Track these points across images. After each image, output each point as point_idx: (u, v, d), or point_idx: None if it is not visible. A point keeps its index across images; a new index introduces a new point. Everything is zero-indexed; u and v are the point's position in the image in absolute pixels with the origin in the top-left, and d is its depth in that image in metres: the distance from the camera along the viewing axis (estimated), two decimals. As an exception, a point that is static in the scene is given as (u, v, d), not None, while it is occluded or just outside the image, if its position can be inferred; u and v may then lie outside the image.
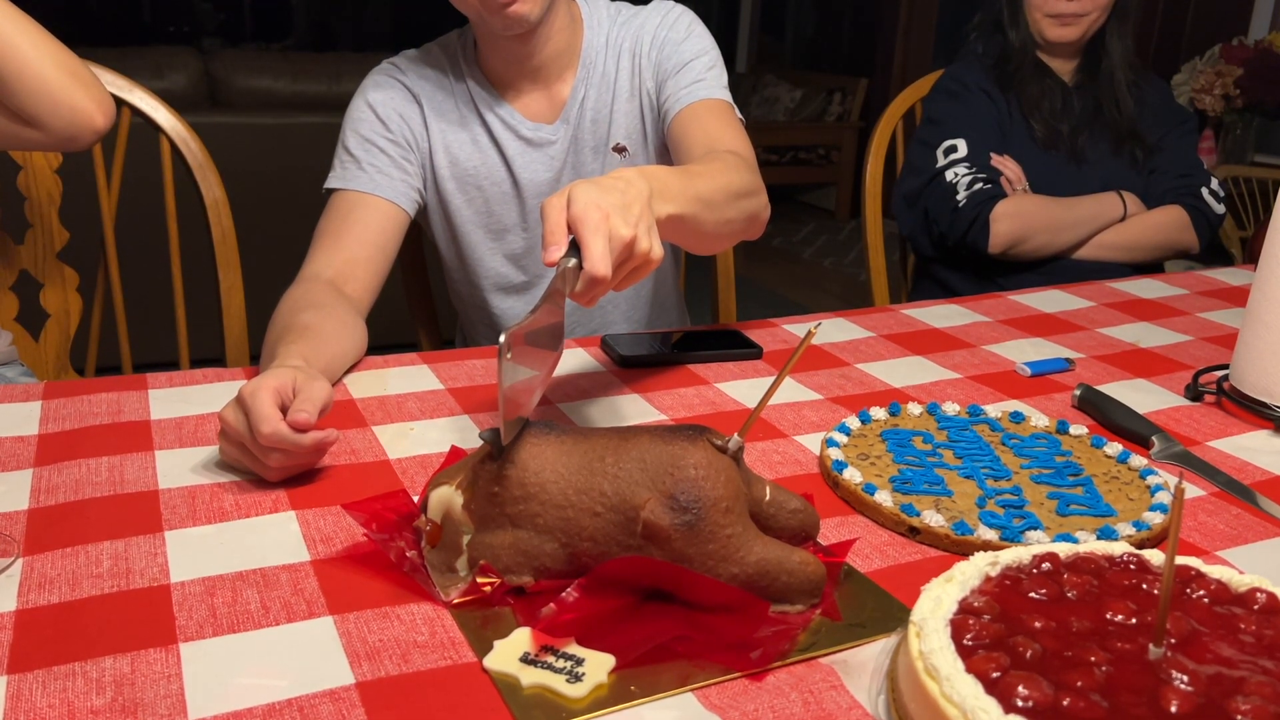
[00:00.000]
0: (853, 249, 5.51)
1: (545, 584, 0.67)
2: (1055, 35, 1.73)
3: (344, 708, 0.57)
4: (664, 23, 1.34)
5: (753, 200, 1.11)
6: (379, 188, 1.25)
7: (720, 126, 1.26)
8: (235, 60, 3.35)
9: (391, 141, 1.29)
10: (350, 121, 1.30)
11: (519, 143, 1.33)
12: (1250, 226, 3.41)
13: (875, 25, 5.99)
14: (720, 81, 1.32)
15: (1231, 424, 1.03)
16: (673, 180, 0.94)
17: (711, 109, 1.28)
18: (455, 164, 1.33)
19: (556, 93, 1.34)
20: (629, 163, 1.37)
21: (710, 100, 1.29)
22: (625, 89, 1.35)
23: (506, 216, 1.38)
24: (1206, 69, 3.56)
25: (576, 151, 1.36)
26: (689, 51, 1.32)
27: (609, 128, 1.36)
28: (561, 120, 1.34)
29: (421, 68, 1.33)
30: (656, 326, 1.50)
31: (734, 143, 1.23)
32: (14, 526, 0.75)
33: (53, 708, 0.57)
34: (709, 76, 1.31)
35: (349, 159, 1.28)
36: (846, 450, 0.89)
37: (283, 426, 0.78)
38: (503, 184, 1.35)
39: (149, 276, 1.99)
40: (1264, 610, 0.60)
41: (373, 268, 1.22)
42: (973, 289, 1.71)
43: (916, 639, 0.57)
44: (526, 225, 1.38)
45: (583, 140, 1.35)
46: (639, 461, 0.66)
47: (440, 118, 1.32)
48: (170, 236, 1.49)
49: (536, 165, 1.34)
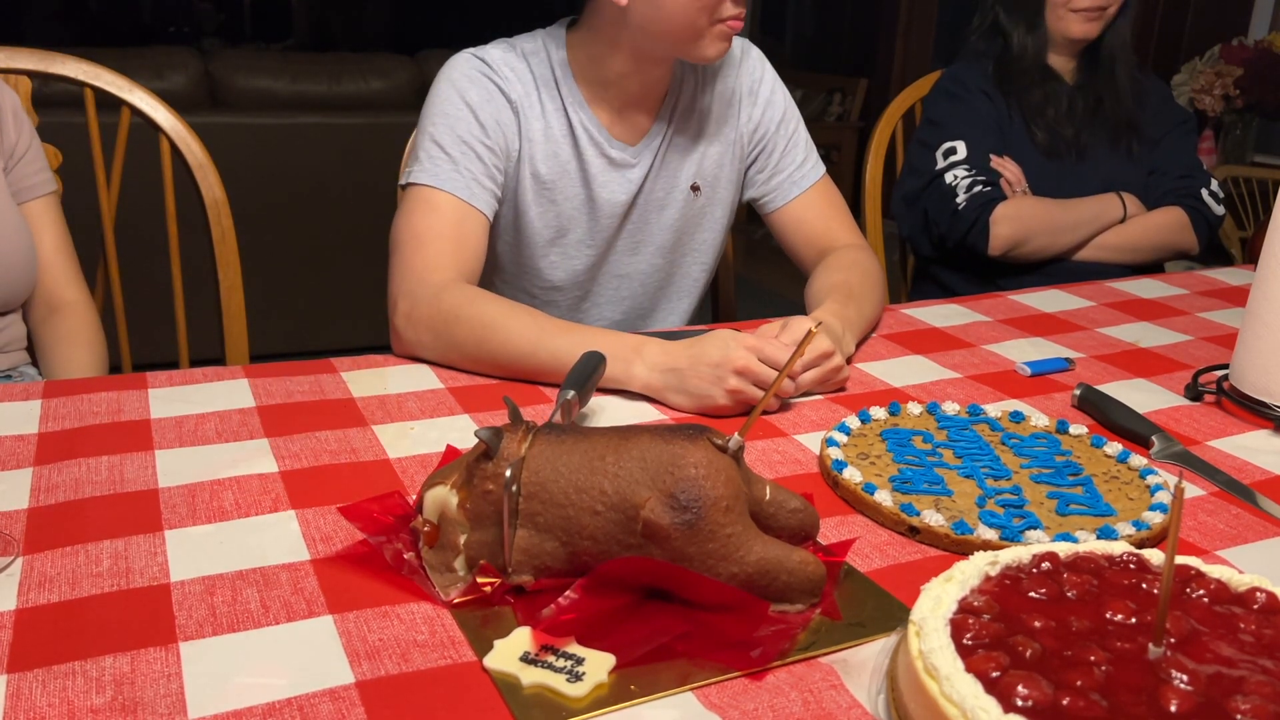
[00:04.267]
0: (853, 249, 5.50)
1: (545, 583, 0.67)
2: (1081, 31, 1.72)
3: (344, 707, 0.57)
4: (755, 76, 1.39)
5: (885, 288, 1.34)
6: (475, 197, 1.21)
7: (833, 215, 1.42)
8: (235, 60, 3.35)
9: (489, 149, 1.24)
10: (443, 116, 1.23)
11: (602, 160, 1.32)
12: (1250, 226, 3.41)
13: (875, 25, 5.99)
14: (817, 155, 1.45)
15: (1231, 424, 1.03)
16: (854, 319, 1.19)
17: (821, 194, 1.42)
18: (536, 174, 1.30)
19: (646, 117, 1.33)
20: (701, 203, 1.40)
21: (819, 183, 1.42)
22: (716, 133, 1.38)
23: (574, 230, 1.35)
24: (1206, 69, 3.56)
25: (654, 179, 1.36)
26: (791, 124, 1.42)
27: (691, 164, 1.37)
28: (644, 145, 1.34)
29: (516, 71, 1.28)
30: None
31: (850, 233, 1.41)
32: (14, 525, 0.75)
33: (52, 707, 0.57)
34: (810, 154, 1.43)
35: (442, 157, 1.21)
36: (846, 450, 0.89)
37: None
38: (576, 199, 1.33)
39: (149, 276, 1.99)
40: (1264, 610, 0.60)
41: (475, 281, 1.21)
42: (972, 290, 1.71)
43: (916, 638, 0.57)
44: (593, 242, 1.37)
45: (661, 169, 1.36)
46: (639, 460, 0.66)
47: (531, 127, 1.28)
48: (170, 236, 1.49)
49: (614, 185, 1.33)
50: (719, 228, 1.45)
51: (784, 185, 1.41)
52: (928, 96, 1.86)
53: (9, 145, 1.25)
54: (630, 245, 1.40)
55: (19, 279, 1.23)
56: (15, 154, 1.26)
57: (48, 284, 1.30)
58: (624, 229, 1.38)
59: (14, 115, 1.27)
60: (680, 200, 1.38)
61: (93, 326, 1.32)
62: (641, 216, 1.38)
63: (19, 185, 1.27)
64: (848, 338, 1.13)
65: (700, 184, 1.39)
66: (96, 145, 1.45)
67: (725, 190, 1.42)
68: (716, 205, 1.42)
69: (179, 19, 6.60)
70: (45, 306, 1.30)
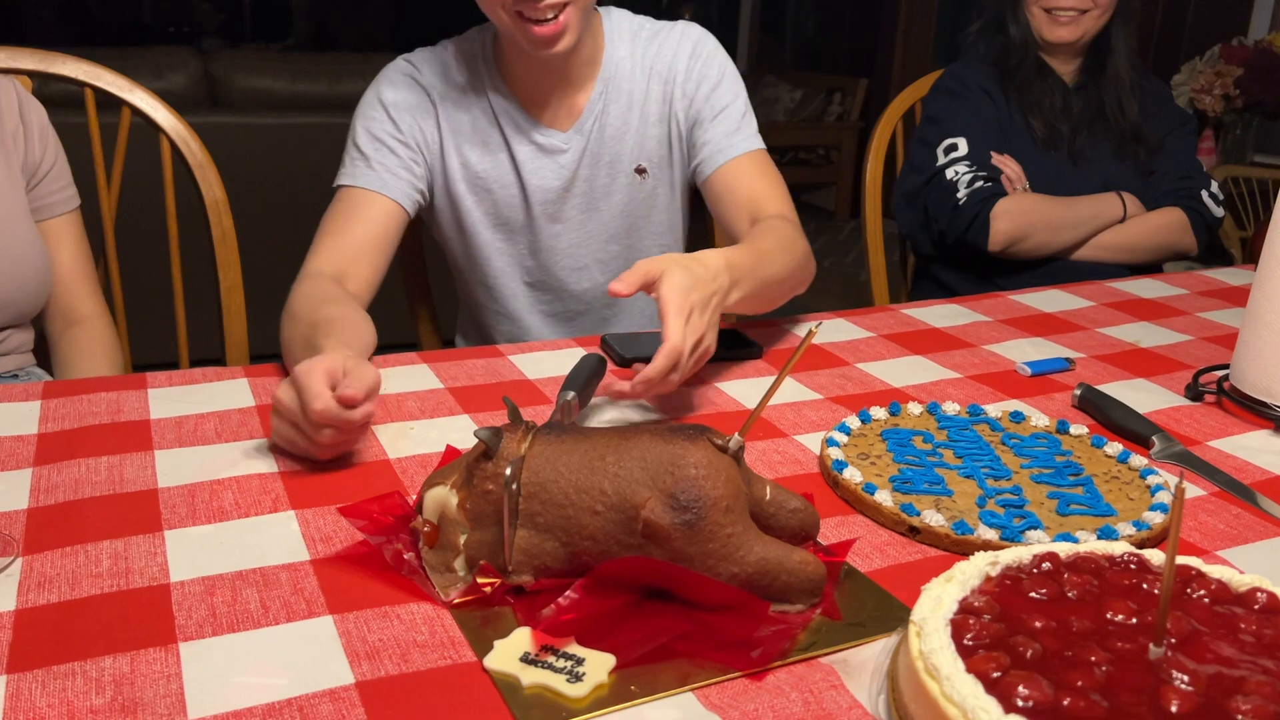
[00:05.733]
0: (853, 249, 5.51)
1: (545, 583, 0.67)
2: (1054, 35, 1.73)
3: (344, 707, 0.57)
4: (697, 54, 1.36)
5: (803, 271, 1.22)
6: (385, 186, 1.26)
7: (763, 184, 1.33)
8: (235, 60, 3.35)
9: (401, 142, 1.29)
10: (362, 118, 1.30)
11: (530, 148, 1.33)
12: (1250, 226, 3.41)
13: (875, 25, 5.99)
14: (754, 128, 1.37)
15: (1231, 424, 1.03)
16: (747, 268, 1.05)
17: (752, 163, 1.35)
18: (467, 165, 1.33)
19: (575, 102, 1.34)
20: (649, 185, 1.39)
21: (751, 153, 1.35)
22: (655, 114, 1.36)
23: (515, 219, 1.38)
24: (1206, 69, 3.56)
25: (592, 165, 1.36)
26: (724, 96, 1.35)
27: (633, 147, 1.37)
28: (575, 130, 1.34)
29: (439, 67, 1.32)
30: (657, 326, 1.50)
31: (779, 203, 1.31)
32: (14, 526, 0.74)
33: (52, 707, 0.57)
34: (744, 126, 1.36)
35: (359, 156, 1.28)
36: (846, 450, 0.89)
37: (334, 403, 0.80)
38: (511, 187, 1.35)
39: (149, 276, 1.99)
40: (1264, 610, 0.60)
41: (373, 265, 1.23)
42: (972, 289, 1.71)
43: (917, 638, 0.56)
44: (533, 230, 1.38)
45: (599, 154, 1.36)
46: (639, 460, 0.66)
47: (455, 120, 1.32)
48: (170, 236, 1.49)
49: (545, 172, 1.34)
50: (673, 209, 1.44)
51: (712, 155, 1.35)
52: (928, 94, 1.86)
53: (33, 162, 1.26)
54: (580, 233, 1.39)
55: (32, 294, 1.23)
56: (39, 172, 1.27)
57: (65, 298, 1.30)
58: (565, 216, 1.38)
59: (40, 132, 1.27)
60: (626, 184, 1.38)
61: (110, 340, 1.32)
62: (586, 203, 1.38)
63: (41, 203, 1.27)
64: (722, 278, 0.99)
65: (646, 166, 1.38)
66: (97, 145, 1.45)
67: (672, 170, 1.41)
68: (665, 186, 1.41)
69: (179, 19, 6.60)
70: (63, 320, 1.31)
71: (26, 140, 1.25)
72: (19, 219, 1.21)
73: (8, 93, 1.25)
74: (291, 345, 1.04)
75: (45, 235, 1.27)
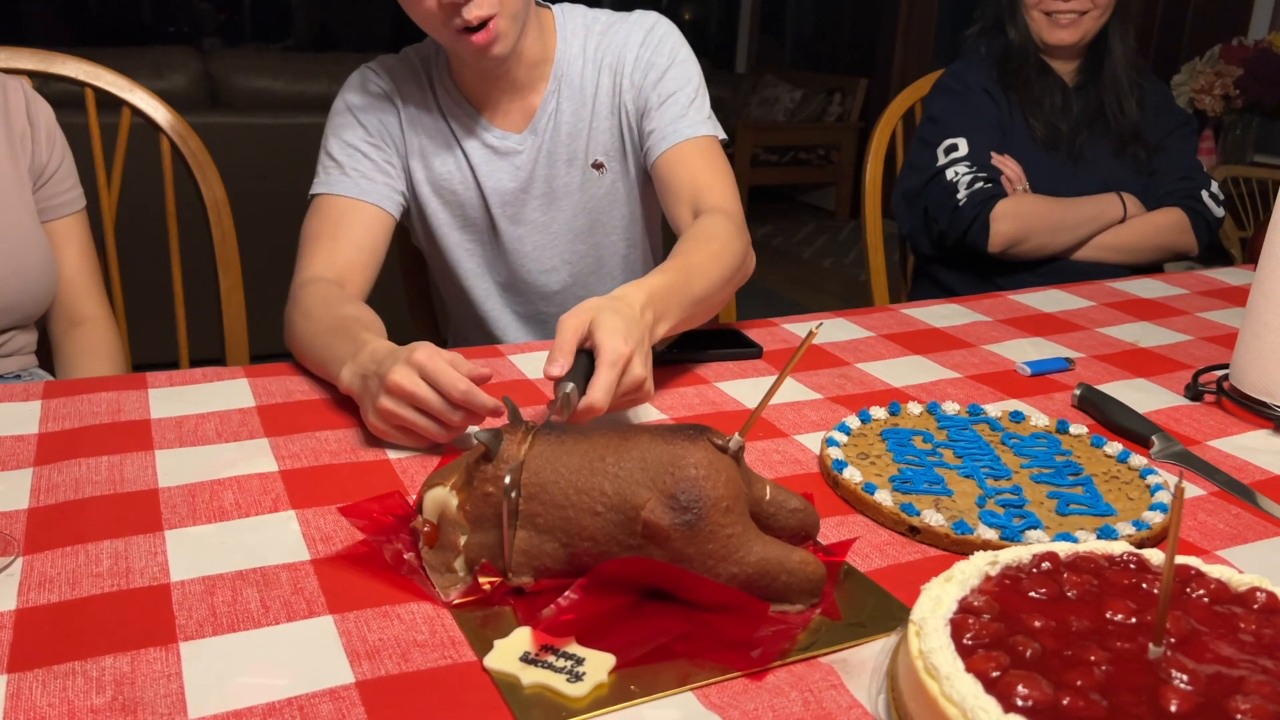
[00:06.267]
0: (852, 249, 5.51)
1: (545, 584, 0.67)
2: (1053, 38, 1.73)
3: (344, 707, 0.57)
4: (647, 43, 1.32)
5: (740, 272, 1.17)
6: (365, 193, 1.25)
7: (708, 173, 1.27)
8: (235, 60, 3.35)
9: (373, 145, 1.29)
10: (332, 127, 1.30)
11: (485, 151, 1.33)
12: (1250, 226, 3.41)
13: (875, 25, 5.99)
14: (703, 114, 1.31)
15: (1231, 423, 1.03)
16: (674, 296, 1.00)
17: (697, 149, 1.29)
18: (430, 170, 1.33)
19: (529, 103, 1.33)
20: (607, 180, 1.37)
21: (695, 139, 1.29)
22: (605, 106, 1.34)
23: (479, 221, 1.38)
24: (1206, 69, 3.56)
25: (549, 164, 1.35)
26: (673, 81, 1.31)
27: (587, 142, 1.35)
28: (530, 130, 1.33)
29: (397, 74, 1.33)
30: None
31: (721, 195, 1.25)
32: (14, 526, 0.75)
33: (52, 707, 0.57)
34: (691, 112, 1.30)
35: (332, 164, 1.27)
36: (846, 450, 0.89)
37: (475, 386, 0.82)
38: (470, 190, 1.35)
39: (149, 276, 1.99)
40: (1264, 610, 0.60)
41: (367, 273, 1.23)
42: (972, 289, 1.71)
43: (916, 638, 0.57)
44: (497, 233, 1.38)
45: (555, 152, 1.35)
46: (639, 461, 0.66)
47: (415, 124, 1.32)
48: (170, 236, 1.49)
49: (501, 174, 1.34)
50: (633, 202, 1.41)
51: (656, 142, 1.30)
52: (929, 94, 1.86)
53: (40, 163, 1.26)
54: (544, 234, 1.39)
55: (37, 296, 1.23)
56: (46, 173, 1.27)
57: (70, 299, 1.30)
58: (526, 217, 1.37)
59: (47, 133, 1.27)
60: (583, 181, 1.37)
61: (113, 341, 1.32)
62: (546, 203, 1.37)
63: (47, 204, 1.27)
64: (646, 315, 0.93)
65: (603, 160, 1.37)
66: (97, 145, 1.45)
67: (627, 162, 1.38)
68: (623, 179, 1.39)
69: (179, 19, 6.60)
70: (66, 321, 1.31)
71: (34, 142, 1.25)
72: (25, 222, 1.21)
73: (16, 94, 1.25)
74: (313, 342, 1.03)
75: (51, 236, 1.27)
